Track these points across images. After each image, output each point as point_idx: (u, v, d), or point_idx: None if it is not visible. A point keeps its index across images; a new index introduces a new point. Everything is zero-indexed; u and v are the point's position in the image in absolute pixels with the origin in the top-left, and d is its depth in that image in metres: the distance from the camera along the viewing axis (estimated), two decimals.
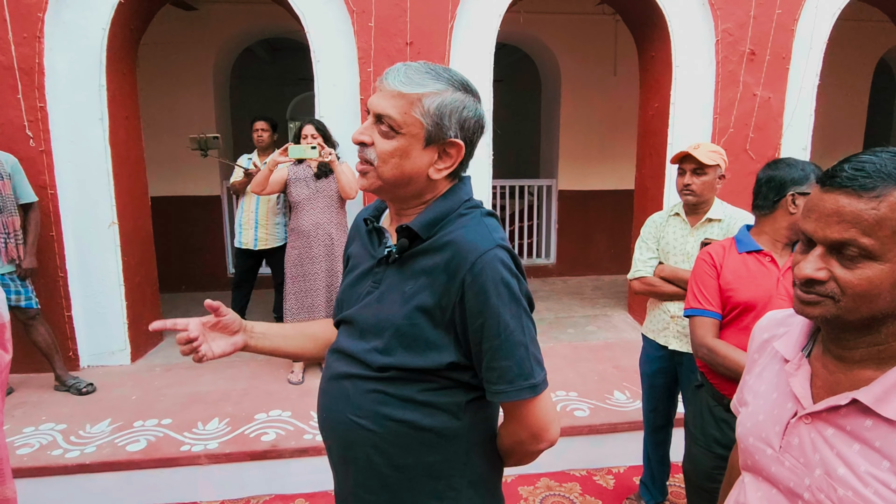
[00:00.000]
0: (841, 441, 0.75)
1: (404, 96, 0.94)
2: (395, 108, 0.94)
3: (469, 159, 1.03)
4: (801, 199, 1.57)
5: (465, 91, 0.98)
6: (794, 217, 1.59)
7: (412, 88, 0.94)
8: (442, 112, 0.95)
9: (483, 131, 1.02)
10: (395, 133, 0.95)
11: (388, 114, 0.94)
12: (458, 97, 0.96)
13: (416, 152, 0.96)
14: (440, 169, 0.98)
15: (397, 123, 0.94)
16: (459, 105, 0.96)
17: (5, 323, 1.57)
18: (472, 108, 0.98)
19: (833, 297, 0.73)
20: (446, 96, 0.95)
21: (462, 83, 0.98)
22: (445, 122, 0.95)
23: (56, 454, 2.57)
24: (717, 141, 3.88)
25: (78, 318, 3.52)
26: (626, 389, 3.20)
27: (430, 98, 0.94)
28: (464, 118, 0.97)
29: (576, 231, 6.02)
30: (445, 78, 0.96)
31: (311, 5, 3.53)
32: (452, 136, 0.97)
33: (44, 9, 3.22)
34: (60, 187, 3.39)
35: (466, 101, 0.97)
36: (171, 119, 5.06)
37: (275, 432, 2.76)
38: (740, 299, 1.61)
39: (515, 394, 0.96)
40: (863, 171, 0.71)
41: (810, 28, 3.85)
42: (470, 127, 0.98)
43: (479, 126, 1.00)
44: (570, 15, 5.48)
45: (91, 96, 3.39)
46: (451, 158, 0.98)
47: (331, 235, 3.31)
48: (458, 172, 1.03)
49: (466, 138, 0.99)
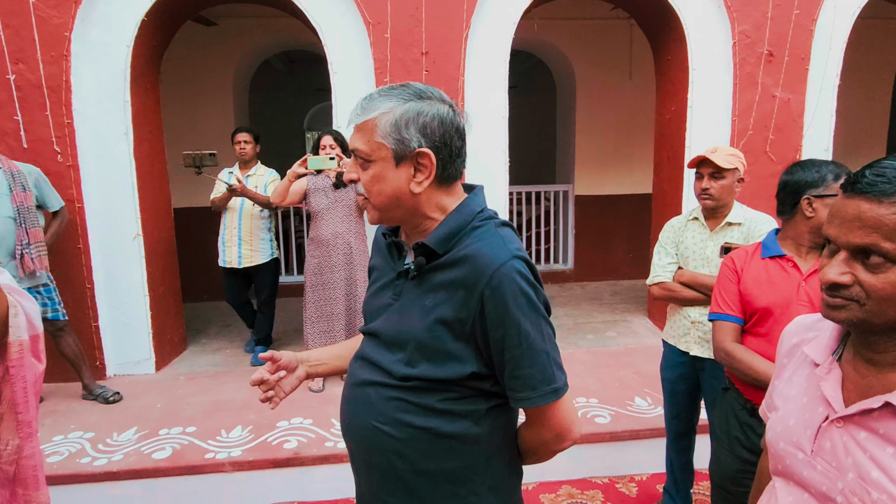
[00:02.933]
0: (874, 444, 0.75)
1: (363, 127, 0.98)
2: (361, 140, 0.98)
3: (456, 161, 1.01)
4: (818, 202, 1.56)
5: (419, 99, 0.97)
6: (812, 220, 1.58)
7: (366, 116, 0.97)
8: (398, 126, 0.95)
9: (459, 129, 1.00)
10: (368, 163, 0.98)
11: (356, 147, 0.99)
12: (411, 107, 0.96)
13: (391, 173, 0.98)
14: (420, 182, 0.98)
15: (365, 153, 0.98)
16: (413, 114, 0.96)
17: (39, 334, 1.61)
18: (429, 112, 0.97)
19: (858, 300, 0.73)
20: (397, 111, 0.96)
21: (416, 92, 0.98)
22: (405, 135, 0.96)
23: (84, 462, 2.63)
24: (736, 143, 3.84)
25: (104, 328, 3.60)
26: (648, 396, 3.17)
27: (383, 118, 0.96)
28: (423, 124, 0.96)
29: (593, 236, 5.99)
30: (395, 94, 0.97)
31: (328, 18, 3.59)
32: (417, 147, 0.96)
33: (70, 28, 3.33)
34: (87, 200, 3.48)
35: (422, 108, 0.97)
36: (192, 132, 5.17)
37: (297, 440, 2.79)
38: (759, 305, 1.61)
39: (540, 399, 0.99)
40: (883, 176, 0.72)
41: (829, 28, 3.80)
42: (434, 131, 0.97)
43: (446, 126, 0.98)
44: (585, 20, 5.48)
45: (116, 112, 3.49)
46: (426, 169, 0.98)
47: (350, 244, 3.34)
48: (451, 176, 1.02)
49: (434, 143, 0.97)
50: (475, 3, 3.59)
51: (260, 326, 3.98)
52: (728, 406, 1.73)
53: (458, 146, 1.01)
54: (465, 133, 1.02)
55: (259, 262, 3.85)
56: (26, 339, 1.49)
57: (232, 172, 3.78)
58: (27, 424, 1.50)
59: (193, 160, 3.61)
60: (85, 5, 3.34)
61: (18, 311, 1.47)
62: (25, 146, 3.34)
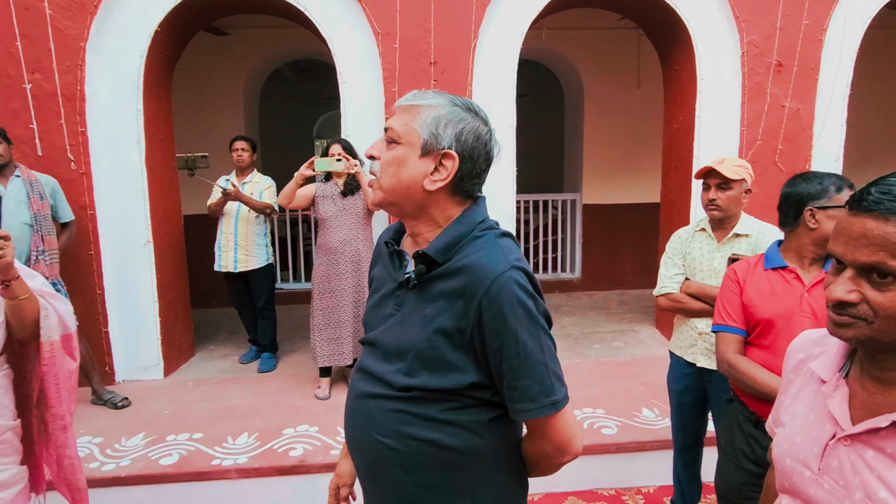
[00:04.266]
0: (881, 463, 0.74)
1: (407, 109, 1.01)
2: (398, 120, 1.02)
3: (473, 179, 1.03)
4: (821, 214, 1.56)
5: (466, 110, 1.01)
6: (815, 232, 1.57)
7: (414, 101, 1.01)
8: (438, 122, 0.99)
9: (488, 153, 1.03)
10: (395, 143, 1.01)
11: (391, 125, 1.02)
12: (456, 111, 1.00)
13: (413, 161, 0.99)
14: (435, 180, 0.99)
15: (397, 134, 1.00)
16: (456, 117, 0.99)
17: (72, 333, 1.68)
18: (470, 123, 1.00)
19: (866, 318, 0.73)
20: (444, 109, 0.99)
21: (466, 104, 1.02)
22: (440, 132, 0.98)
23: (93, 467, 2.65)
24: (745, 153, 3.83)
25: (114, 333, 3.63)
26: (655, 407, 3.15)
27: (428, 109, 1.00)
28: (460, 130, 0.99)
29: (601, 245, 5.97)
30: (448, 98, 1.01)
31: (338, 28, 3.63)
32: (447, 147, 0.98)
33: (85, 38, 3.39)
34: (99, 208, 3.53)
35: (464, 116, 1.00)
36: (203, 140, 5.22)
37: (302, 447, 2.79)
38: (761, 316, 1.60)
39: (538, 411, 0.98)
40: (889, 194, 0.71)
41: (839, 38, 3.79)
42: (467, 140, 0.99)
43: (478, 142, 1.01)
44: (593, 30, 5.50)
45: (128, 120, 3.54)
46: (446, 170, 0.99)
47: (358, 252, 3.36)
48: (465, 190, 1.03)
49: (463, 151, 0.99)
50: (483, 14, 3.61)
51: (263, 332, 4.01)
52: (733, 418, 1.72)
53: (482, 168, 1.03)
54: (492, 159, 1.05)
55: (255, 267, 3.90)
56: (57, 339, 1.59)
57: (229, 179, 3.85)
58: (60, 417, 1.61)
59: (186, 162, 3.67)
60: (100, 16, 3.41)
61: (49, 313, 1.56)
62: (40, 154, 3.39)
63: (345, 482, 1.30)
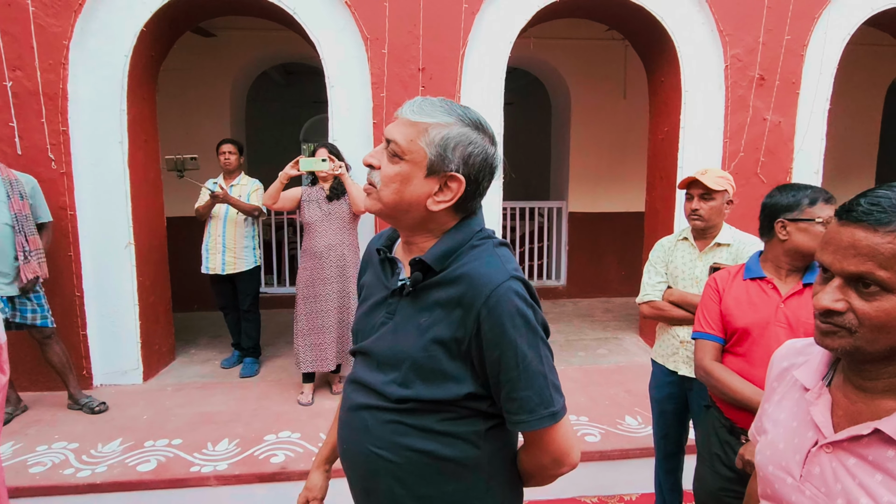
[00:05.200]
0: (863, 471, 0.75)
1: (413, 125, 0.96)
2: (403, 134, 0.96)
3: (476, 198, 1.02)
4: (792, 226, 1.59)
5: (475, 129, 0.98)
6: (786, 244, 1.61)
7: (421, 118, 0.96)
8: (447, 144, 0.95)
9: (493, 173, 1.01)
10: (399, 159, 0.97)
11: (395, 139, 0.97)
12: (466, 132, 0.97)
13: (417, 180, 0.97)
14: (439, 201, 0.97)
15: (402, 149, 0.96)
16: (465, 140, 0.96)
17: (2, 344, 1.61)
18: (479, 145, 0.98)
19: (850, 328, 0.74)
20: (453, 129, 0.96)
21: (475, 121, 0.98)
22: (449, 155, 0.95)
23: (68, 473, 2.59)
24: (728, 165, 3.89)
25: (92, 337, 3.57)
26: (638, 414, 3.17)
27: (436, 129, 0.95)
28: (468, 153, 0.97)
29: (586, 253, 6.01)
30: (458, 114, 0.97)
31: (326, 32, 3.63)
32: (454, 170, 0.96)
33: (69, 37, 3.34)
34: (80, 208, 3.47)
35: (474, 138, 0.97)
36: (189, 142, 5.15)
37: (284, 454, 2.76)
38: (738, 325, 1.63)
39: (536, 423, 0.96)
40: (878, 205, 0.72)
41: (820, 53, 3.88)
42: (475, 164, 0.97)
43: (485, 165, 0.99)
44: (580, 40, 5.55)
45: (112, 120, 3.49)
46: (451, 192, 0.97)
47: (343, 256, 3.34)
48: (467, 209, 1.02)
49: (470, 174, 0.97)
50: (472, 22, 3.63)
51: (247, 336, 3.96)
52: (709, 424, 1.75)
53: (486, 187, 1.02)
54: (495, 176, 1.03)
55: (242, 270, 3.87)
56: None
57: (216, 182, 3.82)
58: None
59: (175, 164, 3.64)
60: (85, 14, 3.36)
61: None
62: (20, 152, 3.33)
63: (315, 496, 1.26)
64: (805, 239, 1.57)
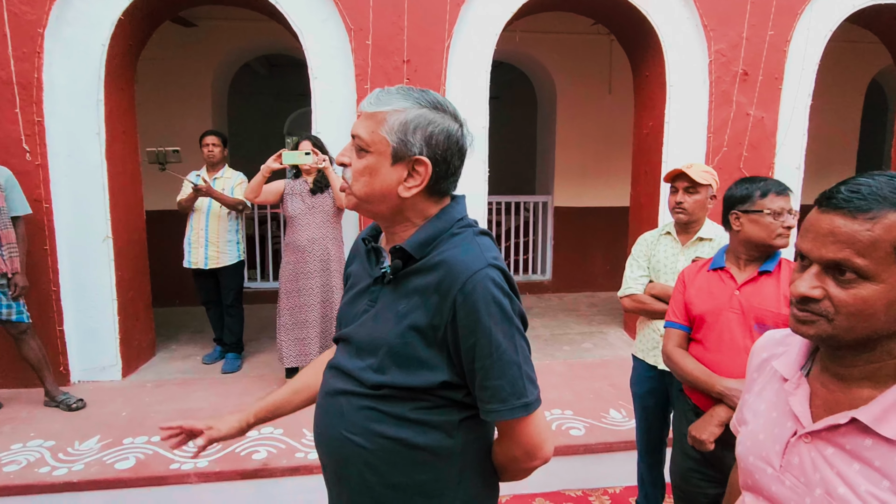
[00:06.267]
0: (841, 460, 0.75)
1: (372, 116, 0.97)
2: (365, 127, 0.97)
3: (449, 178, 1.02)
4: (744, 217, 1.65)
5: (433, 109, 0.97)
6: (739, 234, 1.67)
7: (379, 107, 0.97)
8: (406, 128, 0.95)
9: (461, 149, 1.01)
10: (365, 152, 0.98)
11: (358, 133, 0.98)
12: (423, 113, 0.96)
13: (385, 169, 0.97)
14: (410, 187, 0.98)
15: (366, 142, 0.97)
16: (424, 121, 0.96)
17: None
18: (439, 124, 0.97)
19: (827, 315, 0.74)
20: (410, 113, 0.96)
21: (432, 102, 0.98)
22: (410, 139, 0.95)
23: (43, 472, 2.54)
24: (711, 160, 3.91)
25: (70, 332, 3.49)
26: (622, 408, 3.18)
27: (393, 115, 0.96)
28: (429, 133, 0.96)
29: (571, 247, 6.03)
30: (414, 97, 0.97)
31: (310, 23, 3.57)
32: (418, 153, 0.96)
33: (44, 25, 3.25)
34: (55, 201, 3.38)
35: (433, 118, 0.97)
36: (168, 133, 5.06)
37: (266, 450, 2.73)
38: (696, 312, 1.72)
39: (509, 413, 0.96)
40: (858, 193, 0.72)
41: (802, 49, 3.91)
42: (438, 143, 0.97)
43: (451, 142, 0.98)
44: (566, 34, 5.55)
45: (89, 111, 3.41)
46: (420, 176, 0.97)
47: (327, 250, 3.31)
48: (441, 191, 1.02)
49: (435, 155, 0.97)
50: (458, 14, 3.60)
51: (230, 331, 3.91)
52: (681, 407, 1.85)
53: (457, 165, 1.02)
54: (465, 154, 1.02)
55: (226, 264, 3.81)
56: None
57: (199, 175, 3.75)
58: None
59: (157, 156, 3.56)
60: (60, 2, 3.27)
61: None
62: None
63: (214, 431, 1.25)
64: (755, 230, 1.63)
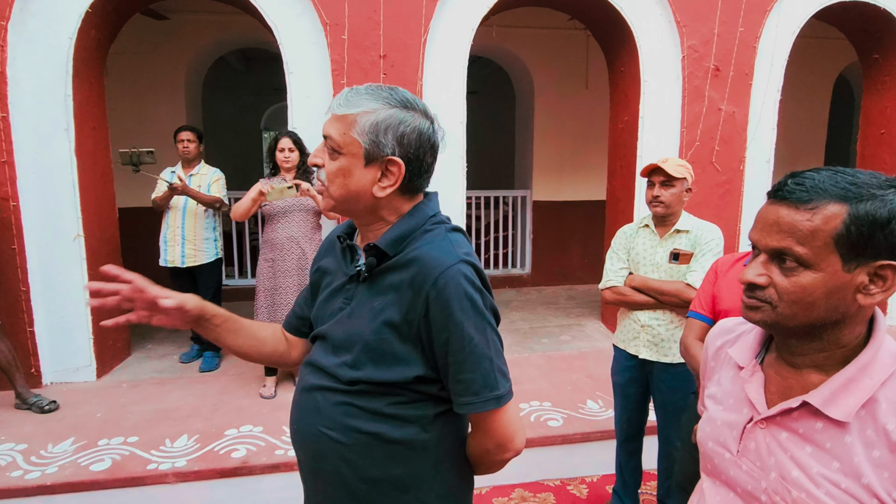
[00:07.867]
0: (794, 444, 0.78)
1: (343, 118, 0.97)
2: (336, 129, 0.98)
3: (423, 176, 1.02)
4: None
5: (404, 108, 0.98)
6: None
7: (349, 109, 0.97)
8: (377, 129, 0.96)
9: (433, 146, 1.01)
10: (338, 154, 0.98)
11: (330, 135, 0.98)
12: (394, 114, 0.97)
13: (358, 171, 0.98)
14: (384, 187, 0.99)
15: (337, 144, 0.98)
16: (394, 121, 0.96)
17: None
18: (410, 123, 0.97)
19: (771, 302, 0.77)
20: (381, 113, 0.96)
21: (402, 101, 0.98)
22: (382, 139, 0.96)
23: (15, 475, 2.48)
24: (685, 154, 3.98)
25: (41, 333, 3.41)
26: (599, 398, 3.24)
27: (364, 117, 0.96)
28: (401, 133, 0.97)
29: (550, 241, 6.08)
30: (383, 97, 0.97)
31: (284, 17, 3.53)
32: (390, 154, 0.97)
33: (7, 17, 3.15)
34: (23, 198, 3.29)
35: (403, 117, 0.97)
36: (141, 129, 4.97)
37: (245, 448, 2.71)
38: (721, 307, 1.72)
39: (481, 405, 0.98)
40: (802, 185, 0.76)
41: (772, 45, 4.00)
42: (410, 142, 0.98)
43: (422, 141, 0.99)
44: (543, 29, 5.57)
45: (56, 106, 3.32)
46: (393, 176, 0.98)
47: (303, 249, 3.28)
48: (415, 188, 1.03)
49: (408, 154, 0.98)
50: (434, 8, 3.59)
51: None
52: (694, 410, 1.79)
53: (429, 162, 1.02)
54: (438, 150, 1.03)
55: (203, 262, 3.75)
56: None
57: (174, 171, 3.66)
58: None
59: (131, 157, 3.48)
60: None
61: None
62: None
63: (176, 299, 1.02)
64: None
